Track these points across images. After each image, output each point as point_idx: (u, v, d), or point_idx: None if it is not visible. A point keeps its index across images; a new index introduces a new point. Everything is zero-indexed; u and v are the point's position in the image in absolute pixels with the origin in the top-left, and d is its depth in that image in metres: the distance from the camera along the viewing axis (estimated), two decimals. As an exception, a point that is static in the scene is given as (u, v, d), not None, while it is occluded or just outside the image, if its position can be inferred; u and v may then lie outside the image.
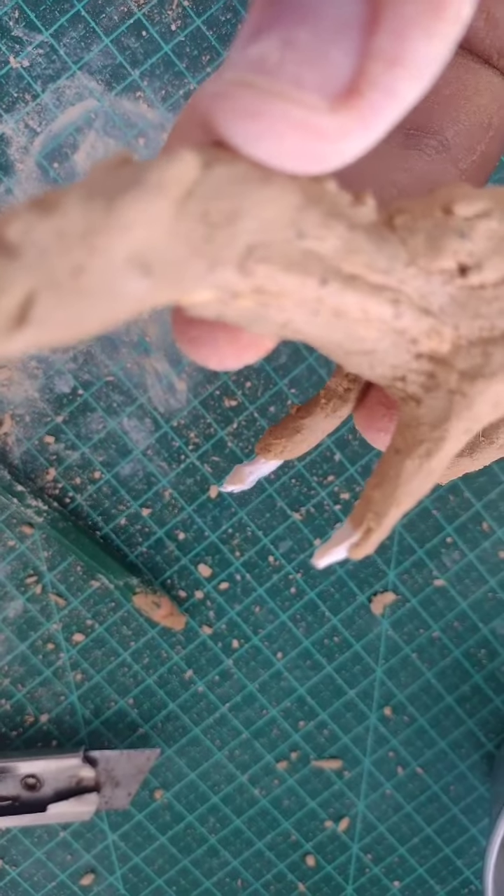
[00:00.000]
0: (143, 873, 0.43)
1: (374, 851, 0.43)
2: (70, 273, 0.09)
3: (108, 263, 0.09)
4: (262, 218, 0.11)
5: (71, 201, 0.09)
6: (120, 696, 0.41)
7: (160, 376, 0.39)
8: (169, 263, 0.10)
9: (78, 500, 0.40)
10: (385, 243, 0.12)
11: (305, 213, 0.11)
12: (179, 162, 0.10)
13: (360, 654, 0.42)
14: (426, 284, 0.12)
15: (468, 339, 0.12)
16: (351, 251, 0.11)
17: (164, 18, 0.36)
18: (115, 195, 0.09)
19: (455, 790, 0.43)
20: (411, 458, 0.13)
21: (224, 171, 0.10)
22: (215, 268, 0.11)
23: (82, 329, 0.10)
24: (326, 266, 0.11)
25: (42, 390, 0.39)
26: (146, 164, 0.10)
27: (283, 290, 0.11)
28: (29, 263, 0.09)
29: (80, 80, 0.36)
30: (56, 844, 0.42)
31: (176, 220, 0.10)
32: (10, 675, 0.41)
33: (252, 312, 0.11)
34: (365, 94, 0.10)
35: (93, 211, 0.09)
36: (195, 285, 0.11)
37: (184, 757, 0.42)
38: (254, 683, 0.42)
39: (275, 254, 0.11)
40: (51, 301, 0.09)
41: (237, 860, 0.43)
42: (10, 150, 0.37)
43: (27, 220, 0.09)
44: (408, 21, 0.10)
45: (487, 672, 0.42)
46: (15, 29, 0.36)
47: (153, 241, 0.10)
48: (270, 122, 0.10)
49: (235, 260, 0.11)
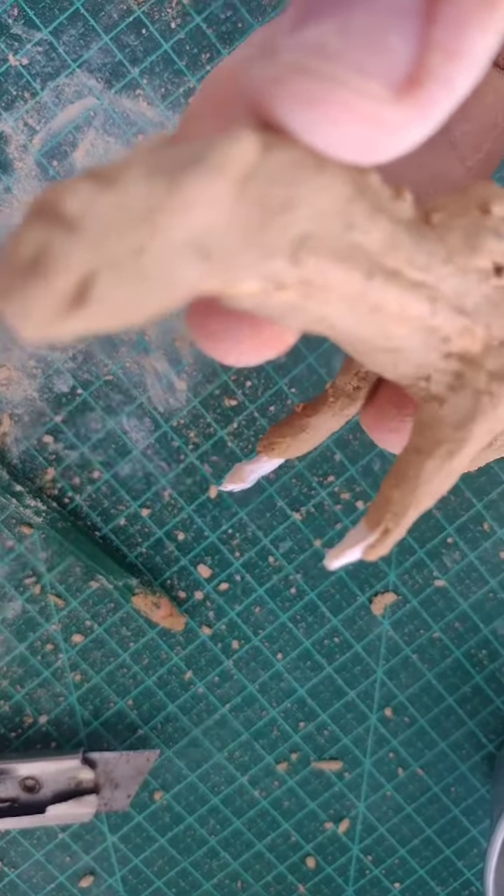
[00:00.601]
0: (142, 875, 0.43)
1: (374, 853, 0.43)
2: (131, 252, 0.09)
3: (168, 245, 0.09)
4: (317, 207, 0.10)
5: (133, 176, 0.09)
6: (119, 698, 0.41)
7: (160, 375, 0.39)
8: (225, 249, 0.10)
9: (77, 501, 0.40)
10: (424, 240, 0.12)
11: (355, 204, 0.11)
12: (241, 142, 0.09)
13: (360, 655, 0.42)
14: (462, 283, 0.12)
15: (499, 339, 0.12)
16: (393, 246, 0.11)
17: (164, 16, 0.36)
18: (177, 172, 0.09)
19: (456, 791, 0.43)
20: (432, 459, 0.13)
21: (283, 156, 0.10)
22: (268, 256, 0.10)
23: (136, 315, 0.09)
24: (371, 260, 0.11)
25: (41, 390, 0.38)
26: (206, 143, 0.10)
27: (328, 283, 0.11)
28: (90, 239, 0.08)
29: (80, 77, 0.36)
30: (55, 846, 0.42)
31: (236, 203, 0.09)
32: (8, 676, 0.41)
33: (291, 306, 0.11)
34: (425, 85, 0.10)
35: (155, 187, 0.09)
36: (246, 274, 0.10)
37: (183, 758, 0.42)
38: (254, 684, 0.42)
39: (325, 245, 0.11)
40: (111, 282, 0.09)
41: (237, 862, 0.43)
42: (10, 148, 0.36)
43: (88, 192, 0.09)
44: (465, 13, 0.09)
45: (488, 673, 0.42)
46: (14, 26, 0.36)
47: (212, 225, 0.09)
48: (332, 110, 0.10)
49: (288, 249, 0.10)
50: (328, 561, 0.14)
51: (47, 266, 0.08)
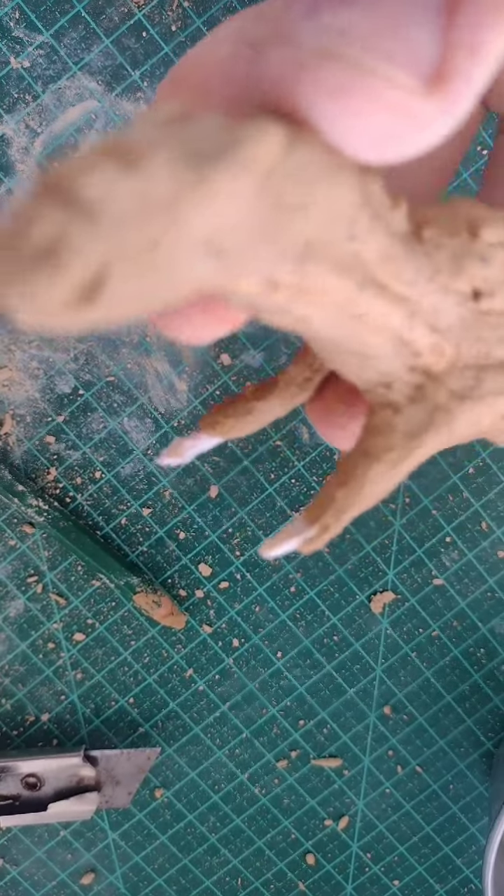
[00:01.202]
0: (143, 872, 0.43)
1: (373, 850, 0.44)
2: (147, 246, 0.08)
3: (184, 240, 0.08)
4: (329, 212, 0.10)
5: (159, 161, 0.08)
6: (120, 696, 0.41)
7: (161, 376, 0.39)
8: (238, 248, 0.09)
9: (79, 500, 0.40)
10: (414, 255, 0.12)
11: (360, 213, 0.10)
12: (269, 136, 0.09)
13: (359, 653, 0.42)
14: (441, 302, 0.12)
15: (465, 360, 0.13)
16: (387, 258, 0.11)
17: (165, 19, 0.36)
18: (205, 163, 0.08)
19: (454, 789, 0.43)
20: (380, 463, 0.13)
21: (304, 154, 0.09)
22: (278, 259, 0.10)
23: (140, 310, 0.09)
24: (366, 271, 0.11)
25: (43, 390, 0.39)
26: (233, 132, 0.09)
27: (323, 290, 0.11)
28: (108, 229, 0.08)
29: (81, 80, 0.36)
30: (56, 843, 0.42)
31: (256, 201, 0.09)
32: (10, 674, 0.41)
33: (278, 306, 0.11)
34: (452, 80, 0.09)
35: (182, 177, 0.08)
36: (251, 274, 0.10)
37: (184, 756, 0.42)
38: (254, 682, 0.42)
39: (328, 252, 0.10)
40: (123, 276, 0.08)
41: (237, 859, 0.43)
42: (11, 150, 0.37)
43: (110, 175, 0.08)
44: (482, 12, 0.09)
45: (486, 671, 0.42)
46: (15, 29, 0.36)
47: (230, 222, 0.09)
48: (360, 100, 0.09)
49: (296, 254, 0.10)
50: (264, 550, 0.14)
51: (62, 256, 0.08)
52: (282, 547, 0.14)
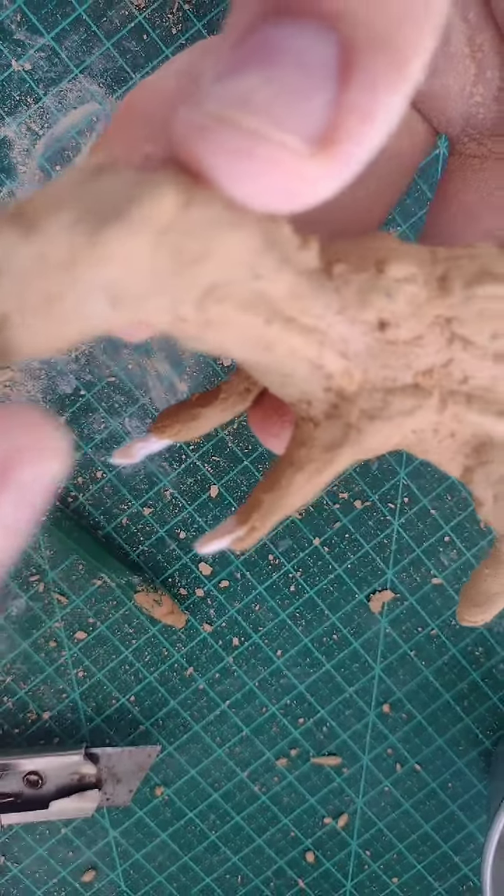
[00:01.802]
0: (143, 870, 0.43)
1: (372, 848, 0.44)
2: (45, 299, 0.09)
3: (83, 293, 0.09)
4: (227, 260, 0.11)
5: (55, 226, 0.09)
6: (121, 694, 0.42)
7: (161, 377, 0.39)
8: (136, 296, 0.10)
9: (80, 500, 0.40)
10: (322, 290, 0.13)
11: (264, 256, 0.11)
12: (162, 198, 0.10)
13: (358, 652, 0.42)
14: (348, 331, 0.13)
15: (373, 384, 0.14)
16: (294, 296, 0.12)
17: (165, 22, 0.36)
18: (100, 226, 0.09)
19: (453, 787, 0.43)
20: (302, 473, 0.14)
21: (201, 213, 0.10)
22: (176, 304, 0.11)
23: (44, 349, 0.10)
24: (273, 308, 0.12)
25: (45, 391, 0.39)
26: (129, 192, 0.10)
27: (230, 325, 0.12)
28: (6, 287, 0.09)
29: (82, 83, 0.36)
30: (58, 841, 0.42)
31: (151, 256, 0.10)
32: (12, 672, 0.41)
33: (191, 336, 0.12)
34: (341, 142, 0.10)
35: (76, 239, 0.09)
36: (154, 316, 0.11)
37: (184, 754, 0.42)
38: (254, 681, 0.42)
39: (231, 293, 0.11)
40: (21, 324, 0.09)
41: (237, 856, 0.43)
42: (13, 152, 0.37)
43: (9, 240, 0.09)
44: (377, 75, 0.10)
45: (485, 670, 0.42)
46: (17, 32, 0.36)
47: (127, 275, 0.10)
48: (255, 163, 0.10)
49: (196, 298, 0.11)
50: (199, 545, 0.15)
51: None
52: (214, 544, 0.15)
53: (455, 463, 0.15)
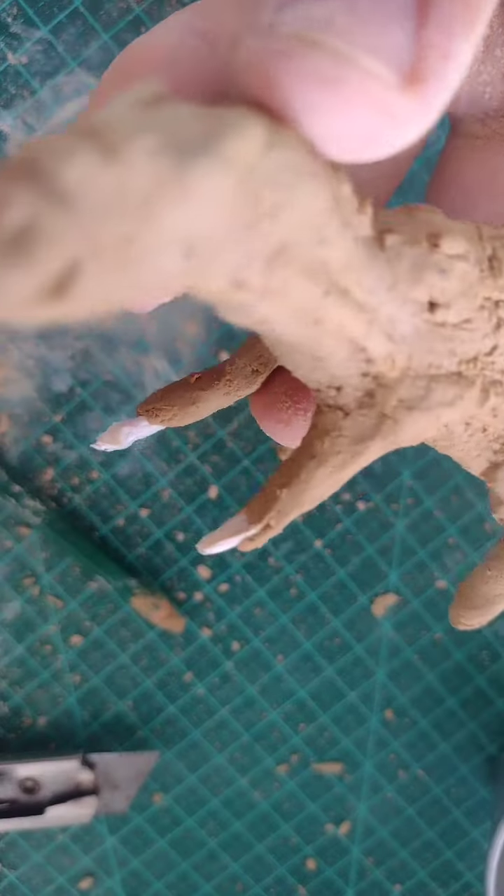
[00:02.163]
0: (141, 877, 0.43)
1: (374, 855, 0.43)
2: (120, 241, 0.08)
3: (158, 237, 0.08)
4: (302, 216, 0.10)
5: (140, 152, 0.08)
6: (119, 699, 0.41)
7: (159, 375, 0.39)
8: (211, 248, 0.09)
9: (76, 501, 0.40)
10: (376, 262, 0.11)
11: (330, 217, 0.10)
12: (250, 133, 0.09)
13: (361, 657, 0.42)
14: (397, 311, 0.12)
15: (416, 370, 0.13)
16: (350, 265, 0.11)
17: (163, 14, 0.36)
18: (188, 157, 0.08)
19: (457, 793, 0.43)
20: (325, 466, 0.13)
21: (285, 155, 0.09)
22: (247, 263, 0.09)
23: (104, 307, 0.08)
24: (331, 278, 0.11)
25: (40, 389, 0.38)
26: (215, 124, 0.08)
27: (288, 294, 0.10)
28: (84, 220, 0.07)
29: (79, 76, 0.36)
30: (54, 848, 0.42)
31: (234, 201, 0.09)
32: (7, 677, 0.41)
33: (241, 304, 0.11)
34: (427, 80, 0.09)
35: (162, 169, 0.08)
36: (219, 275, 0.09)
37: (183, 760, 0.42)
38: (254, 686, 0.42)
39: (297, 257, 0.10)
40: (94, 273, 0.08)
41: (237, 864, 0.43)
42: (9, 146, 0.36)
43: (90, 164, 0.07)
44: (451, 17, 0.09)
45: (490, 674, 0.42)
46: (13, 25, 0.36)
47: (206, 222, 0.08)
48: (347, 92, 0.09)
49: (266, 257, 0.10)
50: (202, 546, 0.14)
51: (33, 247, 0.07)
52: (221, 545, 0.14)
53: (480, 459, 0.14)
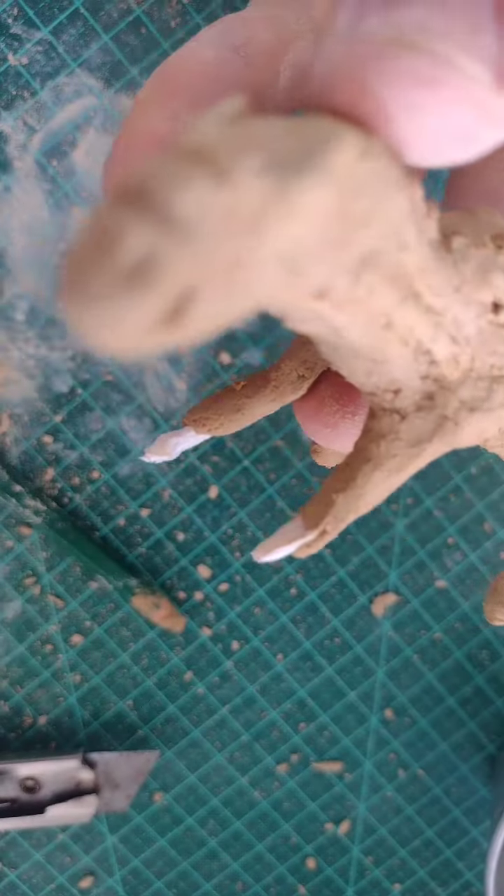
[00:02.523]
0: (142, 876, 0.43)
1: (374, 854, 0.43)
2: (230, 265, 0.08)
3: (265, 255, 0.08)
4: (388, 222, 0.10)
5: (247, 172, 0.07)
6: (119, 698, 0.41)
7: (159, 376, 0.39)
8: (310, 262, 0.09)
9: (76, 501, 0.40)
10: (443, 265, 0.11)
11: (409, 222, 0.10)
12: (348, 145, 0.08)
13: (360, 656, 0.42)
14: (462, 312, 0.12)
15: (478, 372, 0.13)
16: (423, 269, 0.11)
17: (164, 15, 0.36)
18: (291, 174, 0.08)
19: (457, 792, 0.43)
20: (381, 470, 0.13)
21: (374, 166, 0.09)
22: (337, 273, 0.09)
23: (212, 330, 0.08)
24: (407, 282, 0.11)
25: (40, 390, 0.38)
26: (312, 136, 0.08)
27: (369, 301, 0.10)
28: (199, 249, 0.07)
29: (79, 77, 0.36)
30: (55, 847, 0.42)
31: (331, 213, 0.08)
32: (8, 676, 0.41)
33: (317, 314, 0.11)
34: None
35: (269, 190, 0.08)
36: (310, 286, 0.09)
37: (183, 759, 0.42)
38: (254, 685, 0.42)
39: (382, 264, 0.10)
40: (208, 297, 0.08)
41: (237, 863, 0.43)
42: (9, 147, 0.36)
43: (203, 189, 0.07)
44: None
45: (489, 674, 0.42)
46: (13, 26, 0.36)
47: (309, 236, 0.08)
48: (447, 94, 0.09)
49: (355, 266, 0.10)
50: (257, 554, 0.14)
51: (151, 279, 0.07)
52: (278, 552, 0.14)
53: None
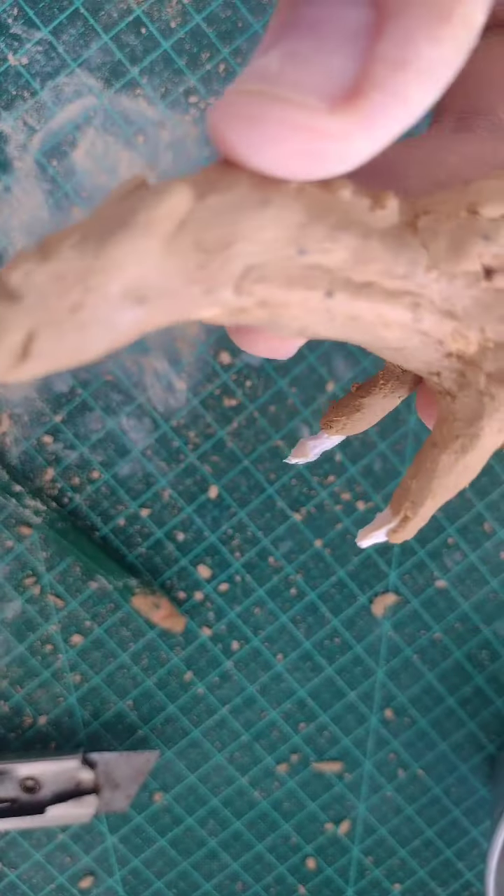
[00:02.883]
0: (142, 876, 0.43)
1: (374, 854, 0.43)
2: (68, 310, 0.10)
3: (103, 299, 0.10)
4: (260, 240, 0.11)
5: (66, 245, 0.10)
6: (119, 698, 0.41)
7: (159, 375, 0.39)
8: (164, 292, 0.11)
9: (76, 501, 0.40)
10: (404, 248, 0.12)
11: (308, 229, 0.11)
12: (170, 197, 0.11)
13: (360, 656, 0.42)
14: (448, 287, 0.12)
15: (495, 341, 0.13)
16: (363, 260, 0.12)
17: (164, 15, 0.36)
18: (106, 237, 0.10)
19: (456, 792, 0.43)
20: (447, 453, 0.13)
21: (218, 199, 0.11)
22: (211, 292, 0.11)
23: (84, 355, 0.11)
24: (333, 278, 0.11)
25: (40, 390, 0.38)
26: (140, 200, 0.10)
27: (287, 303, 0.12)
28: (29, 305, 0.10)
29: (79, 77, 0.36)
30: (55, 847, 0.42)
31: (166, 254, 0.11)
32: (8, 676, 0.41)
33: (267, 320, 0.12)
34: (368, 94, 0.10)
35: (85, 254, 0.10)
36: (195, 308, 0.11)
37: (183, 759, 0.42)
38: (254, 685, 0.42)
39: (274, 272, 0.11)
40: (50, 336, 0.10)
41: (237, 863, 0.43)
42: (9, 147, 0.36)
43: (28, 266, 0.10)
44: (412, 27, 0.10)
45: (489, 674, 0.42)
46: (14, 26, 0.36)
47: (145, 275, 0.11)
48: (271, 126, 0.10)
49: (231, 282, 0.11)
50: (359, 539, 0.15)
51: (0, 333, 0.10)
52: (372, 537, 0.15)
53: None
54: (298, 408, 0.39)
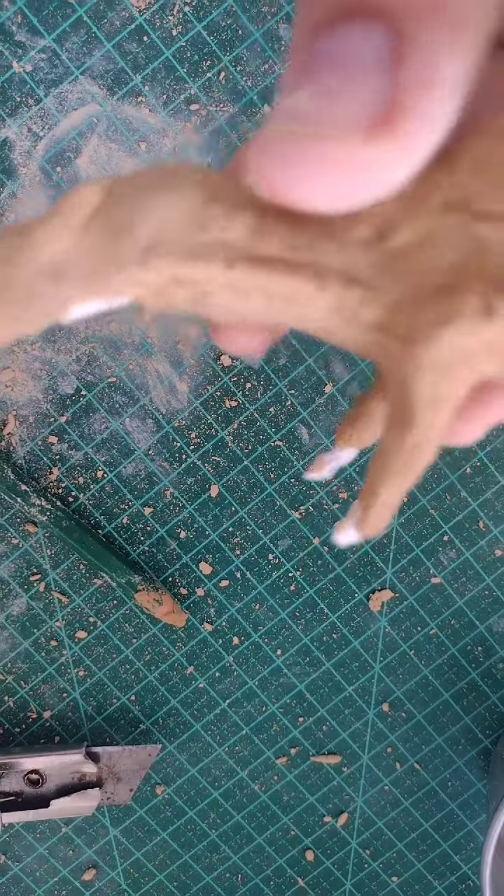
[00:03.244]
0: (144, 868, 0.43)
1: (372, 846, 0.44)
2: (2, 286, 0.12)
3: (27, 274, 0.12)
4: (161, 220, 0.12)
5: (9, 232, 0.12)
6: (122, 693, 0.42)
7: (162, 377, 0.39)
8: (81, 269, 0.12)
9: (81, 500, 0.40)
10: (306, 222, 0.12)
11: (208, 208, 0.12)
12: (82, 188, 0.12)
13: (358, 651, 0.42)
14: (346, 254, 0.12)
15: (399, 303, 0.12)
16: (261, 235, 0.12)
17: (166, 24, 0.36)
18: (34, 223, 0.12)
19: (452, 786, 0.43)
20: (388, 431, 0.13)
21: (124, 187, 0.12)
22: (122, 268, 0.12)
23: (22, 326, 0.12)
24: (235, 252, 0.12)
25: (46, 391, 0.39)
26: (63, 195, 0.13)
27: (194, 277, 0.13)
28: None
29: (83, 84, 0.36)
30: (58, 840, 0.42)
31: (83, 235, 0.12)
32: (13, 671, 0.41)
33: (192, 302, 0.13)
34: (398, 121, 0.10)
35: (14, 239, 0.12)
36: (115, 284, 0.12)
37: (185, 753, 0.42)
38: (254, 680, 0.42)
39: (175, 248, 0.12)
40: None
41: (237, 855, 0.43)
42: (14, 154, 0.37)
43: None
44: (430, 47, 0.10)
45: (484, 669, 0.42)
46: (18, 34, 0.36)
47: (64, 253, 0.12)
48: (310, 163, 0.11)
49: (136, 258, 0.12)
50: (335, 535, 0.15)
51: None
52: (345, 532, 0.14)
53: None
54: (297, 409, 0.40)
